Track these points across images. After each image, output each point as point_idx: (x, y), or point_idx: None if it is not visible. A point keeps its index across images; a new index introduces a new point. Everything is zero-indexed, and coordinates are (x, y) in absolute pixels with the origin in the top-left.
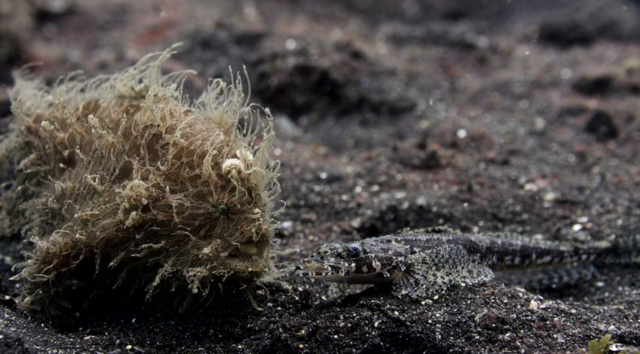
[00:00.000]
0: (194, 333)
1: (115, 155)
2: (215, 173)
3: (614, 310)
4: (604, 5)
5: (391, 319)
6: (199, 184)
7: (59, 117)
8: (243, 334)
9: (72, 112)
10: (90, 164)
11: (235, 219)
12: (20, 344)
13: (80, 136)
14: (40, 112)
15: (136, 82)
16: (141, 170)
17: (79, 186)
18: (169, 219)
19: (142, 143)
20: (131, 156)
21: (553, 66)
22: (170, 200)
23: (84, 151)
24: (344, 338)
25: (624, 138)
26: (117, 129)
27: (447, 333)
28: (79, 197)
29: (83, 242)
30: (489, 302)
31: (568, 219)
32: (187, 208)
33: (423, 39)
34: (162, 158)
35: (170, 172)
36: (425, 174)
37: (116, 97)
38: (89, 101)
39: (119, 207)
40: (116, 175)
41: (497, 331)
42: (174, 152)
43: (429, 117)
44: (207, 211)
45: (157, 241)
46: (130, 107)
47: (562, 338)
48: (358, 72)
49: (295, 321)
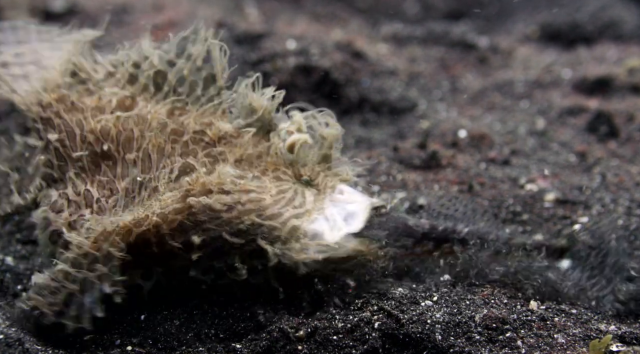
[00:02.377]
0: (197, 333)
1: (168, 157)
2: (280, 156)
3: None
4: (605, 5)
5: (391, 320)
6: (270, 173)
7: (89, 104)
8: (243, 335)
9: (106, 103)
10: (137, 164)
11: (318, 184)
12: (21, 344)
13: (116, 130)
14: (65, 92)
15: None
16: (204, 166)
17: (131, 186)
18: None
19: (197, 148)
20: (187, 157)
21: (554, 66)
22: (250, 186)
23: (124, 148)
24: (344, 338)
25: (624, 138)
26: (163, 130)
27: (448, 333)
28: (133, 199)
29: (153, 222)
30: (489, 302)
31: (569, 219)
32: (272, 187)
33: (424, 39)
34: (224, 163)
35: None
36: (425, 174)
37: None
38: (122, 96)
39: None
40: (175, 175)
41: (497, 331)
42: (233, 160)
43: (429, 117)
44: (291, 188)
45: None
46: (175, 109)
47: (562, 337)
48: (359, 72)
49: (294, 322)
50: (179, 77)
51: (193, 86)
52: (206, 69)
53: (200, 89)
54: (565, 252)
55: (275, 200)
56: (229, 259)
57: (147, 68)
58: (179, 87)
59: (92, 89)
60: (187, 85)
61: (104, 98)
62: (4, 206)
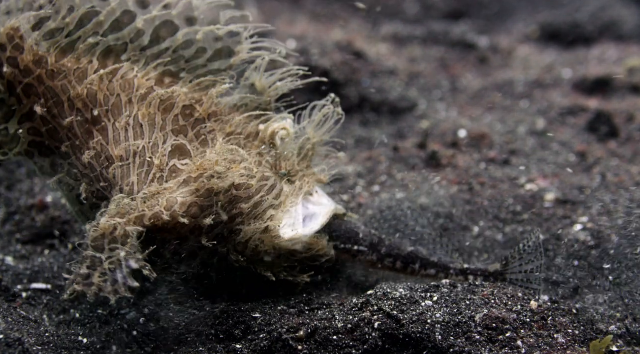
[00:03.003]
0: (197, 333)
1: (159, 130)
2: (268, 143)
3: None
4: (605, 5)
5: (391, 320)
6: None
7: (71, 67)
8: (243, 335)
9: (86, 63)
10: (128, 132)
11: (295, 181)
12: (21, 345)
13: (103, 95)
14: (43, 53)
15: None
16: (197, 152)
17: (124, 154)
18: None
19: (188, 126)
20: (177, 135)
21: (554, 66)
22: (242, 166)
23: (113, 115)
24: (344, 338)
25: (624, 138)
26: (149, 100)
27: (448, 333)
28: (128, 167)
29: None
30: (489, 302)
31: (569, 219)
32: (257, 172)
33: (424, 39)
34: (213, 142)
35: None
36: (425, 174)
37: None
38: (105, 53)
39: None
40: (170, 151)
41: (497, 331)
42: (223, 136)
43: (429, 117)
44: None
45: (236, 208)
46: (167, 74)
47: (562, 337)
48: (359, 72)
49: (294, 322)
50: (188, 38)
51: (199, 53)
52: (225, 43)
53: (204, 59)
54: (500, 277)
55: (258, 187)
56: (229, 245)
57: (157, 12)
58: (182, 49)
59: (64, 42)
60: (194, 49)
61: (83, 57)
62: None
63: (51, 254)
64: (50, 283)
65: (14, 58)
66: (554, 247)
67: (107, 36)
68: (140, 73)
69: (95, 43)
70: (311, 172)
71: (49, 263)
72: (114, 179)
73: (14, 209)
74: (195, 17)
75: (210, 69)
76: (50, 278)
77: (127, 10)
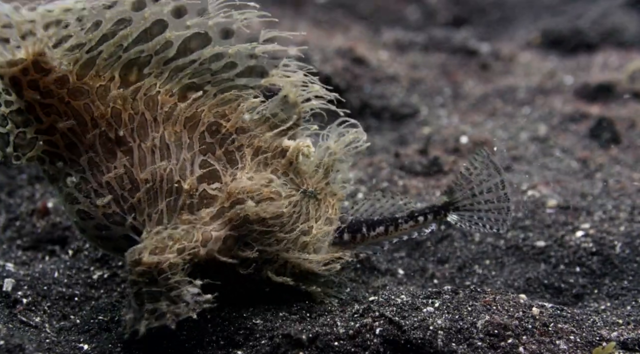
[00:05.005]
0: (199, 340)
1: (187, 149)
2: (294, 157)
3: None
4: (607, 11)
5: (392, 326)
6: (280, 176)
7: (93, 85)
8: (244, 341)
9: (108, 80)
10: (155, 154)
11: (321, 198)
12: (22, 351)
13: (128, 114)
14: (64, 72)
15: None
16: (226, 172)
17: (150, 177)
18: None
19: (215, 143)
20: (206, 154)
21: (555, 73)
22: (272, 190)
23: (138, 135)
24: (345, 344)
25: (626, 144)
26: (175, 117)
27: (449, 339)
28: (155, 193)
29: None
30: (491, 308)
31: (571, 225)
32: (285, 197)
33: (425, 45)
34: (242, 159)
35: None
36: (427, 180)
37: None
38: (127, 66)
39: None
40: (199, 175)
41: (499, 338)
42: (251, 153)
43: (431, 123)
44: (301, 198)
45: (271, 236)
46: (190, 88)
47: (564, 344)
48: (360, 78)
49: (295, 328)
50: (219, 52)
51: (228, 67)
52: (259, 62)
53: (232, 74)
54: (451, 207)
55: (290, 214)
56: (262, 271)
57: (193, 23)
58: (210, 62)
59: (85, 57)
60: (222, 63)
61: (103, 73)
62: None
63: (52, 260)
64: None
65: (35, 80)
66: (556, 254)
67: (131, 49)
68: (163, 88)
69: (117, 57)
70: (331, 190)
71: (50, 269)
72: (140, 205)
73: (15, 215)
74: (232, 29)
75: (236, 84)
76: (50, 284)
77: (160, 19)
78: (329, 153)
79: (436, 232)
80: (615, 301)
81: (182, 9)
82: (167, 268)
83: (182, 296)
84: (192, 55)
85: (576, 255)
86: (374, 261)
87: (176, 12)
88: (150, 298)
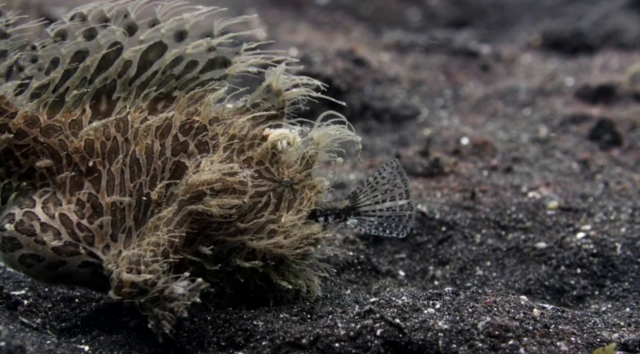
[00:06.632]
0: (200, 341)
1: (158, 158)
2: (271, 149)
3: (617, 318)
4: (608, 13)
5: (393, 328)
6: (254, 164)
7: (65, 121)
8: (244, 342)
9: (80, 114)
10: (124, 175)
11: (298, 189)
12: (23, 352)
13: (100, 142)
14: (33, 113)
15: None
16: (194, 165)
17: (117, 200)
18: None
19: (188, 140)
20: (178, 154)
21: (556, 74)
22: (235, 180)
23: (109, 160)
24: (346, 346)
25: (627, 146)
26: (144, 131)
27: (450, 341)
28: (122, 212)
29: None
30: (492, 310)
31: (571, 226)
32: (251, 187)
33: (426, 46)
34: (215, 148)
35: (223, 160)
36: (428, 181)
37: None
38: (95, 96)
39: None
40: (168, 178)
41: (500, 339)
42: (225, 140)
43: (432, 125)
44: (271, 188)
45: (233, 224)
46: (160, 99)
47: (565, 345)
48: (361, 79)
49: (296, 330)
50: (178, 56)
51: (190, 67)
52: (219, 53)
53: (196, 71)
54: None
55: (253, 203)
56: (232, 261)
57: (145, 36)
58: (171, 67)
59: (52, 98)
60: (183, 64)
61: (73, 108)
62: None
63: None
64: (51, 291)
65: (4, 125)
66: (556, 255)
67: (95, 79)
68: (132, 107)
69: (83, 92)
70: (311, 183)
71: None
72: (100, 229)
73: None
74: (185, 30)
75: (202, 80)
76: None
77: (115, 43)
78: (311, 145)
79: (437, 234)
80: (616, 303)
81: (133, 26)
82: (149, 277)
83: (176, 292)
84: (153, 67)
85: (577, 257)
86: (375, 262)
87: (128, 30)
88: (151, 304)
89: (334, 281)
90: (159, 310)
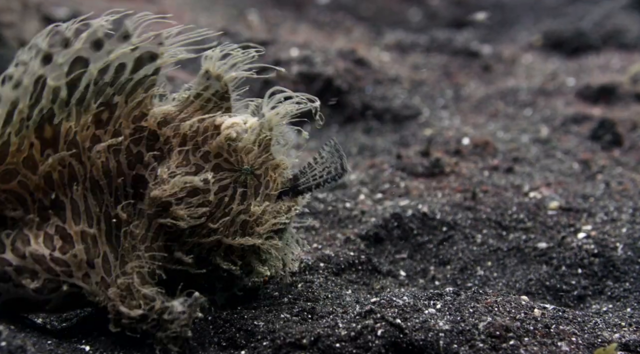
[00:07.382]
0: (200, 342)
1: (117, 176)
2: (226, 141)
3: (618, 318)
4: (609, 13)
5: (394, 328)
6: (212, 158)
7: (17, 160)
8: (245, 342)
9: (29, 148)
10: (87, 200)
11: (261, 173)
12: (24, 352)
13: (58, 173)
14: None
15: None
16: (153, 176)
17: (86, 225)
18: (205, 202)
19: (141, 149)
20: (134, 167)
21: (557, 74)
22: (197, 183)
23: (70, 187)
24: (347, 346)
25: (628, 146)
26: (96, 151)
27: (451, 341)
28: (94, 238)
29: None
30: (493, 310)
31: (572, 227)
32: (214, 183)
33: (427, 47)
34: (169, 153)
35: (180, 162)
36: (429, 181)
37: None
38: (38, 127)
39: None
40: (132, 194)
41: (501, 339)
42: (178, 142)
43: (433, 125)
44: (234, 179)
45: (205, 226)
46: (101, 112)
47: (566, 345)
48: (362, 79)
49: (296, 330)
50: (102, 66)
51: (120, 71)
52: (142, 49)
53: (127, 73)
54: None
55: (219, 200)
56: (212, 260)
57: (61, 60)
58: (101, 76)
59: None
60: (112, 70)
61: (21, 147)
62: None
63: None
64: None
65: None
66: (557, 255)
67: (32, 115)
68: (76, 126)
69: (25, 128)
70: (274, 162)
71: None
72: (75, 259)
73: None
74: (100, 38)
75: (138, 80)
76: None
77: (38, 77)
78: (265, 124)
79: (438, 234)
80: (617, 303)
81: (48, 56)
82: (143, 303)
83: (175, 310)
84: (83, 82)
85: (578, 257)
86: (376, 262)
87: (44, 60)
88: (153, 329)
89: (335, 282)
90: (162, 334)
